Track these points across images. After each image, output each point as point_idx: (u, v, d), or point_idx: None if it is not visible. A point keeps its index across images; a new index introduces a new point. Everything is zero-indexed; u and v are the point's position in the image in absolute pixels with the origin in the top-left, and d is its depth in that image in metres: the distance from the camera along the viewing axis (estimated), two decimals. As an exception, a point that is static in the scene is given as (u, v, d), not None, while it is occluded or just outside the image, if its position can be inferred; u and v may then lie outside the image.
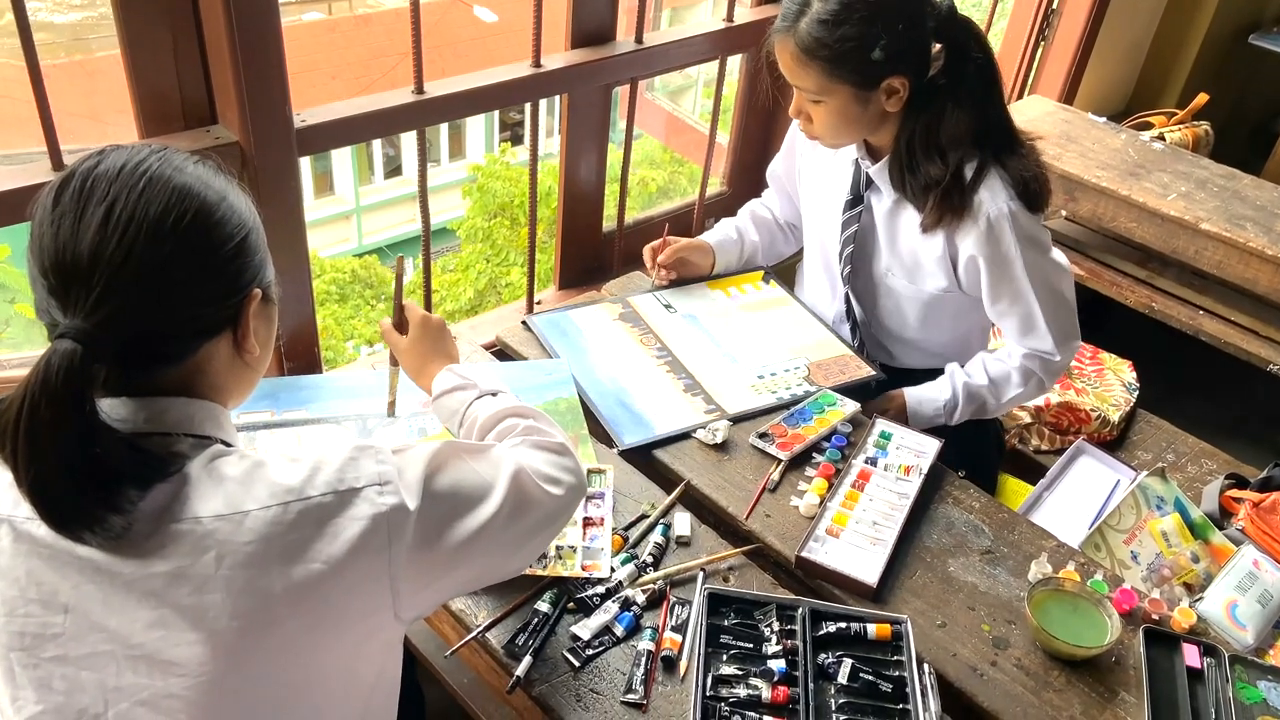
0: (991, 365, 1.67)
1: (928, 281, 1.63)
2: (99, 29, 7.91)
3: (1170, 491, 1.88)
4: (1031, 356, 1.63)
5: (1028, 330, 1.60)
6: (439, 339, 1.31)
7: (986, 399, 1.67)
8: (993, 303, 1.60)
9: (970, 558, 1.37)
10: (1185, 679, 1.21)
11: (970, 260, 1.55)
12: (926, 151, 1.50)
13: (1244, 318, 2.22)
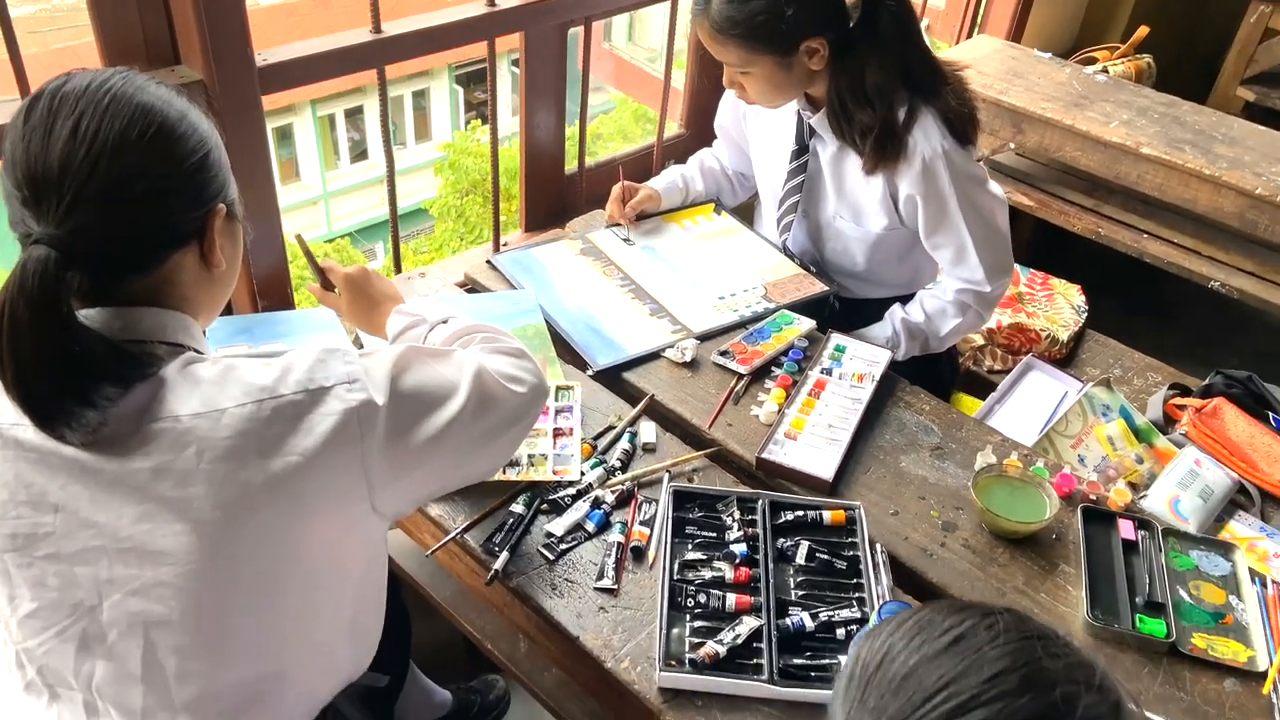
0: (928, 301, 1.75)
1: (872, 222, 1.70)
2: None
3: (1115, 400, 1.97)
4: (965, 290, 1.71)
5: (960, 261, 1.67)
6: (370, 286, 1.30)
7: (927, 334, 1.76)
8: (928, 236, 1.67)
9: (920, 454, 1.44)
10: (1121, 551, 1.30)
11: (909, 199, 1.62)
12: (856, 101, 1.55)
13: (1185, 238, 2.31)
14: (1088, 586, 1.23)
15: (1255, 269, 2.25)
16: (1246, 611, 1.23)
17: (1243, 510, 1.84)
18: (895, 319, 1.75)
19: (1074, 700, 0.59)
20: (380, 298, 1.29)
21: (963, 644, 0.61)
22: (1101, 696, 0.61)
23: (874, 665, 0.63)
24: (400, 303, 1.29)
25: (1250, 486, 1.85)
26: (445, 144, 11.58)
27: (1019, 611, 0.65)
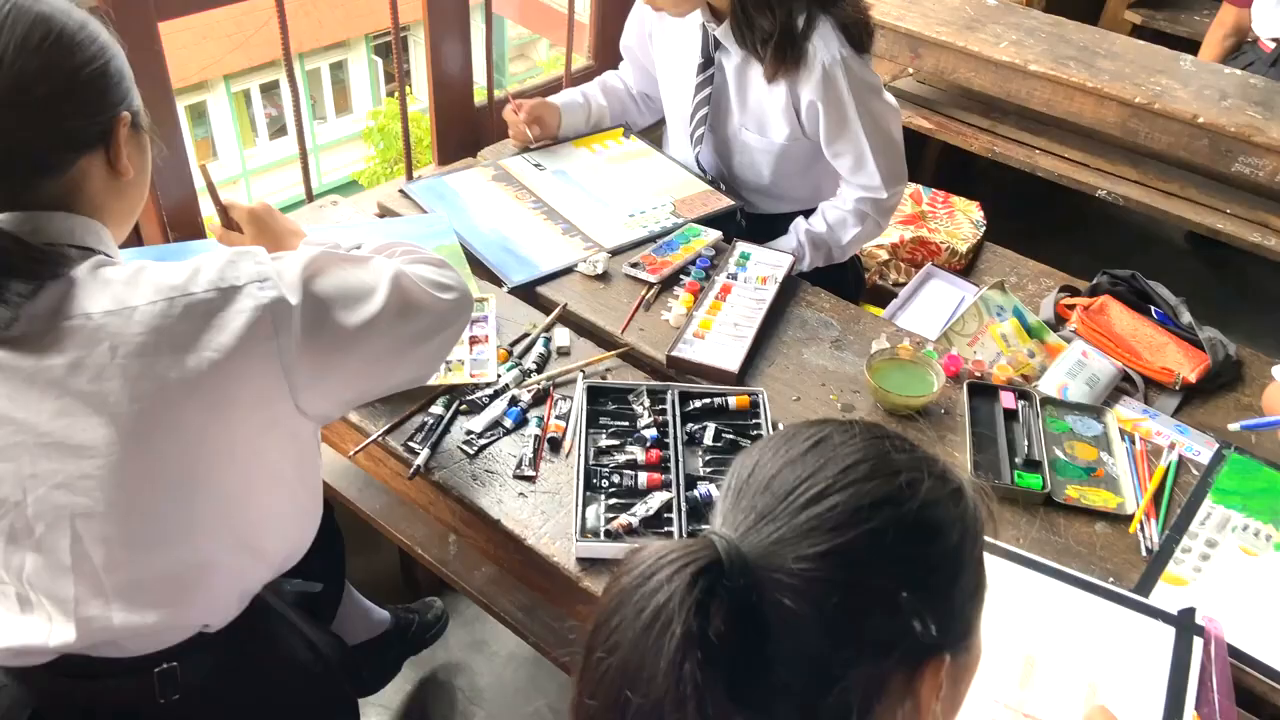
0: (829, 212, 1.84)
1: (775, 132, 1.77)
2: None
3: (1009, 301, 2.08)
4: (864, 199, 1.79)
5: (859, 168, 1.75)
6: (274, 220, 1.30)
7: (829, 243, 1.84)
8: (829, 144, 1.74)
9: (821, 346, 1.53)
10: (1002, 419, 1.40)
11: (810, 106, 1.69)
12: (757, 7, 1.61)
13: (1074, 152, 2.44)
14: (971, 450, 1.33)
15: (1138, 177, 2.39)
16: (1116, 465, 1.35)
17: (1127, 395, 1.97)
18: (799, 230, 1.83)
19: (917, 484, 0.66)
20: (284, 232, 1.29)
21: (821, 446, 0.68)
22: (943, 483, 0.68)
23: (746, 474, 0.69)
24: (305, 236, 1.30)
25: (1134, 374, 1.99)
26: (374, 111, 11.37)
27: (873, 421, 0.72)
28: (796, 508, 0.64)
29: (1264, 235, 2.23)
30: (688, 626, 0.60)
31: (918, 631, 0.64)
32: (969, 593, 0.68)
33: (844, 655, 0.63)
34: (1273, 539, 1.23)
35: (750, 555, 0.63)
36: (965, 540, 0.67)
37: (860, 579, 0.63)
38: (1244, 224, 2.26)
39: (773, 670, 0.63)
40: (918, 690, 0.65)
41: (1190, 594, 1.15)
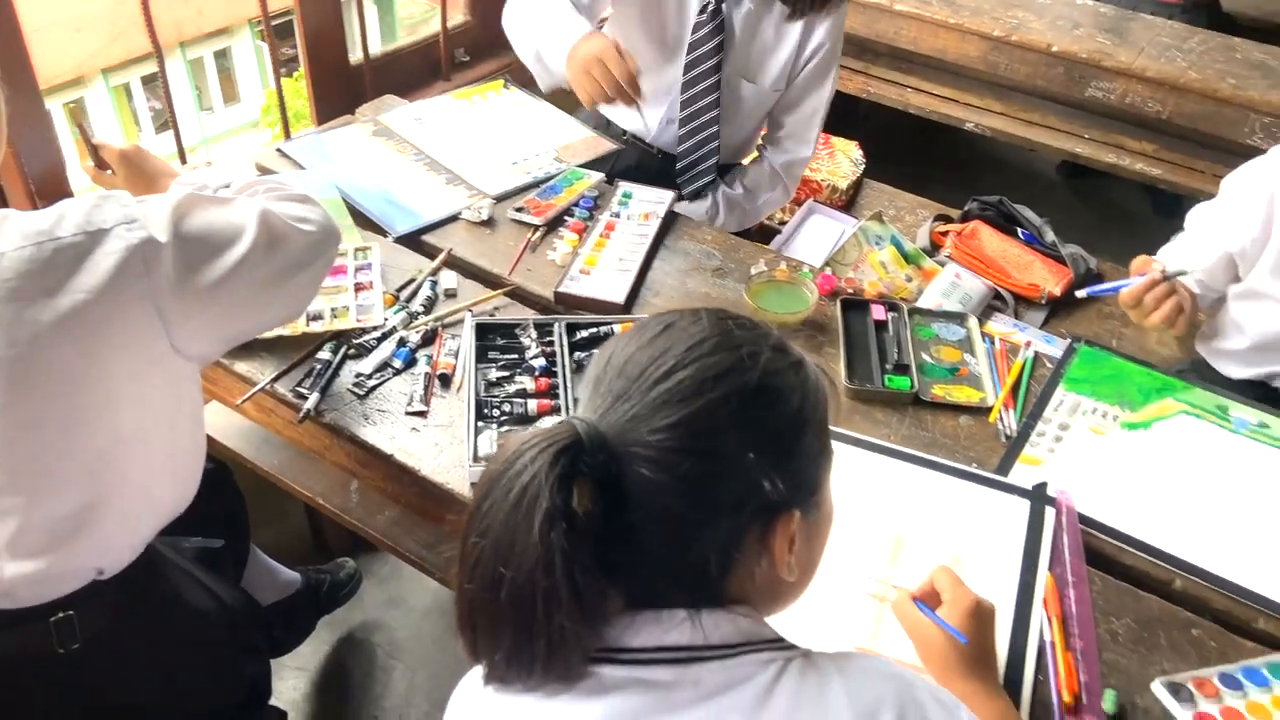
0: (747, 177, 1.91)
1: (768, 80, 1.81)
2: None
3: (887, 231, 2.18)
4: (788, 163, 1.88)
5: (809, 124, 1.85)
6: (146, 162, 1.30)
7: (745, 207, 1.91)
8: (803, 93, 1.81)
9: (704, 275, 1.59)
10: (873, 329, 1.48)
11: (817, 49, 1.75)
12: None
13: (941, 88, 2.54)
14: (845, 359, 1.41)
15: (1003, 109, 2.51)
16: (978, 364, 1.44)
17: (998, 311, 2.08)
18: (716, 192, 1.90)
19: (757, 356, 0.71)
20: (156, 174, 1.30)
21: (669, 330, 0.73)
22: (782, 355, 0.73)
23: (603, 363, 0.73)
24: (177, 176, 1.30)
25: (1004, 292, 2.10)
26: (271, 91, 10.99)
27: (718, 307, 0.77)
28: (648, 386, 0.69)
29: (1119, 156, 2.37)
30: (552, 501, 0.64)
31: (767, 490, 0.69)
32: (813, 455, 0.74)
33: (699, 516, 0.68)
34: (1119, 419, 1.34)
35: (608, 433, 0.68)
36: (805, 406, 0.72)
37: (709, 444, 0.68)
38: (1100, 146, 2.40)
39: (636, 537, 0.68)
40: (771, 545, 0.71)
41: (1045, 471, 1.25)
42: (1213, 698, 0.97)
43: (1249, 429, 1.32)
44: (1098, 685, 1.00)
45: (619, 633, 0.70)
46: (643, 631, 0.69)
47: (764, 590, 0.74)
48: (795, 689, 0.67)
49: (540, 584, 0.64)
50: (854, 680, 0.68)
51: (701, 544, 0.69)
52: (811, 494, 0.74)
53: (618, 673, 0.68)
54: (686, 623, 0.69)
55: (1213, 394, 1.37)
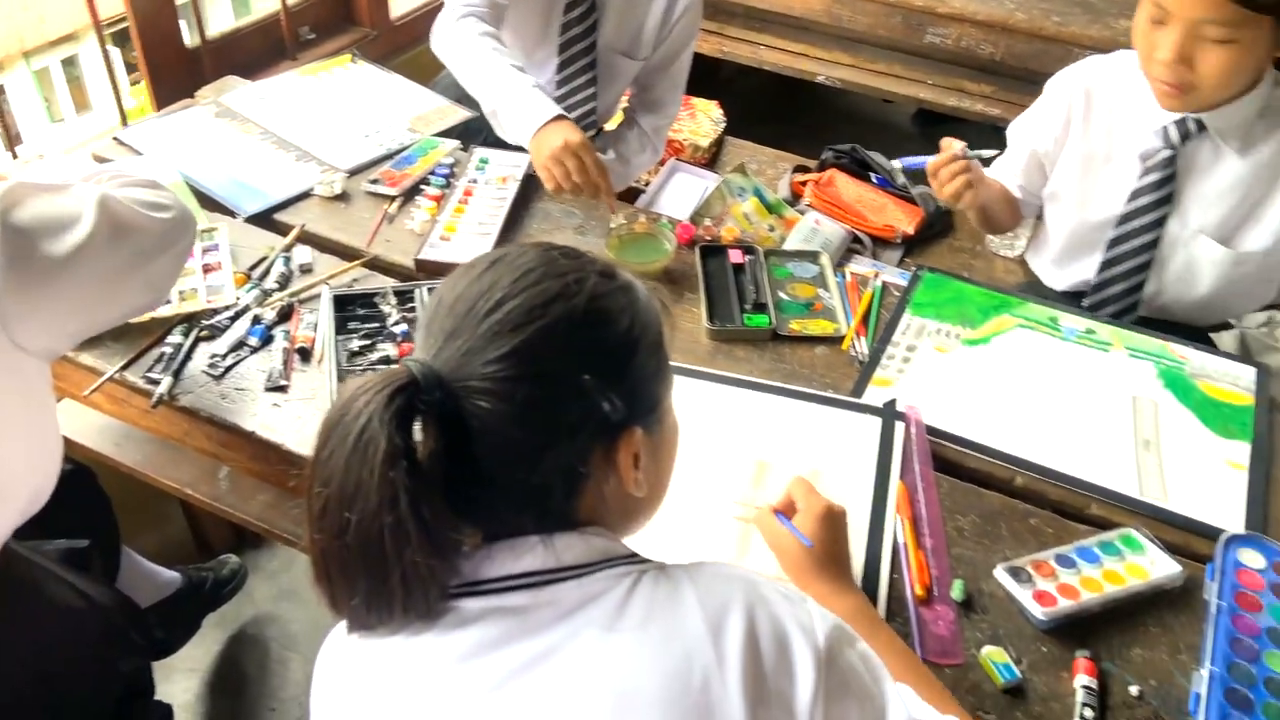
0: (619, 142, 1.94)
1: (640, 51, 1.83)
2: None
3: (749, 183, 2.24)
4: (659, 127, 1.94)
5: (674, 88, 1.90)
6: None
7: (616, 169, 1.93)
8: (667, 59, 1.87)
9: (565, 233, 1.60)
10: (732, 273, 1.52)
11: (682, 12, 1.80)
12: None
13: (792, 44, 2.62)
14: (706, 302, 1.45)
15: (851, 60, 2.59)
16: (831, 298, 1.50)
17: (857, 254, 2.17)
18: None
19: (584, 281, 0.72)
20: None
21: (496, 265, 0.73)
22: (609, 279, 0.74)
23: (434, 306, 0.73)
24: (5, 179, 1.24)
25: (861, 234, 2.18)
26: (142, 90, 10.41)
27: (546, 244, 0.77)
28: (478, 319, 0.69)
29: (960, 99, 2.48)
30: (390, 441, 0.64)
31: (606, 410, 0.71)
32: (650, 372, 0.75)
33: (541, 440, 0.70)
34: (961, 337, 1.42)
35: (443, 370, 0.68)
36: (636, 326, 0.73)
37: (543, 370, 0.69)
38: (943, 91, 2.51)
39: (483, 469, 0.69)
40: (617, 463, 0.73)
41: (895, 390, 1.32)
42: (1049, 577, 1.05)
43: (1077, 335, 1.42)
44: (947, 577, 1.07)
45: (475, 566, 0.71)
46: (498, 561, 0.71)
47: (616, 509, 0.76)
48: (649, 598, 0.69)
49: (386, 522, 0.64)
50: (703, 585, 0.71)
51: (546, 468, 0.70)
52: (651, 410, 0.76)
53: (477, 604, 0.69)
54: (539, 547, 0.70)
55: (1045, 306, 1.47)
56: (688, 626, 0.67)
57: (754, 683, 0.66)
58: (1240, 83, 1.35)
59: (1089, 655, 0.98)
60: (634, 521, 0.80)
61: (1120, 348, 1.39)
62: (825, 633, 0.70)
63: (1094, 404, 1.30)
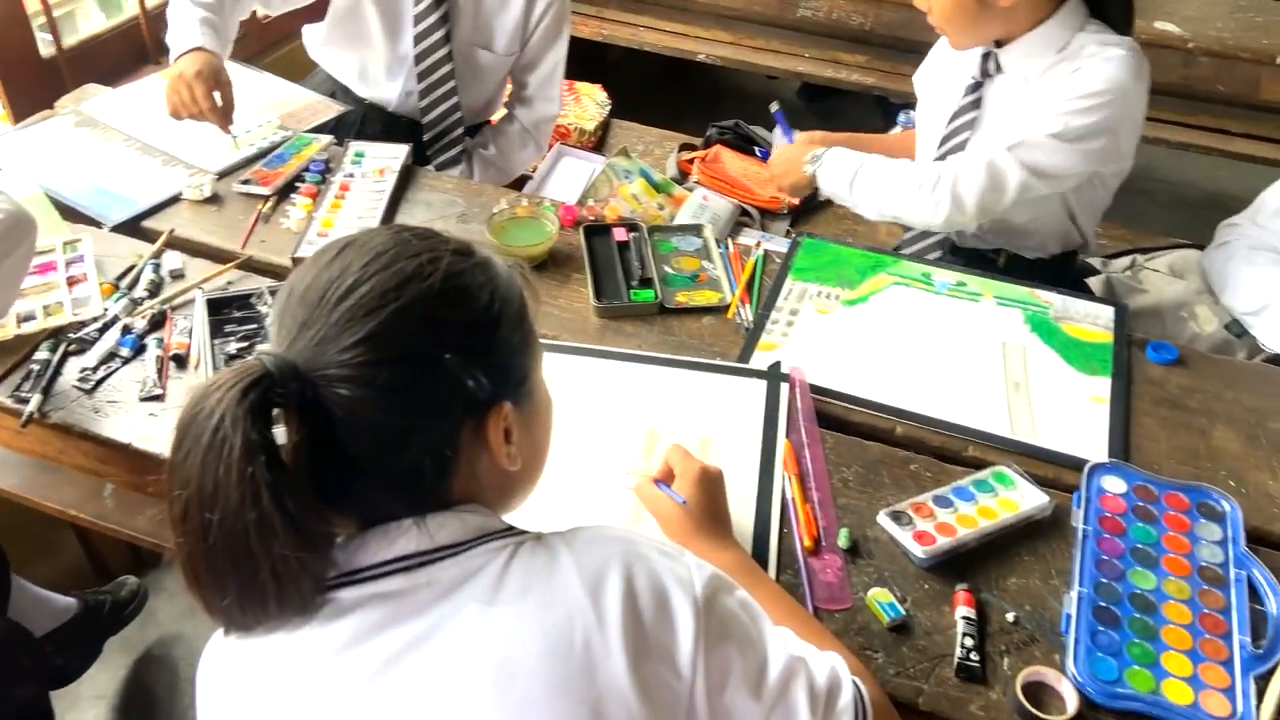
0: (499, 137, 1.96)
1: (501, 44, 1.83)
2: None
3: (635, 165, 2.25)
4: (539, 121, 1.96)
5: (550, 80, 1.90)
6: None
7: (498, 165, 1.96)
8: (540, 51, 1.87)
9: (448, 221, 1.59)
10: (617, 251, 1.54)
11: (547, 7, 1.82)
12: None
13: (672, 25, 2.64)
14: (592, 281, 1.46)
15: (730, 38, 2.63)
16: (716, 269, 1.53)
17: (746, 227, 2.21)
18: (471, 155, 1.92)
19: (438, 260, 0.71)
20: None
21: (346, 250, 0.71)
22: (464, 257, 0.73)
23: (285, 296, 0.71)
24: None
25: (749, 208, 2.22)
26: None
27: (400, 225, 0.76)
28: (330, 306, 0.68)
29: (836, 70, 2.54)
30: (246, 437, 0.63)
31: (471, 387, 0.70)
32: (515, 346, 0.75)
33: (407, 423, 0.69)
34: (841, 298, 1.46)
35: (298, 361, 0.67)
36: (496, 300, 0.73)
37: (402, 352, 0.68)
38: (820, 63, 2.57)
39: (350, 457, 0.68)
40: (488, 439, 0.73)
41: (780, 354, 1.35)
42: (928, 518, 1.09)
43: (949, 288, 1.47)
44: (834, 527, 1.10)
45: (350, 555, 0.70)
46: (372, 548, 0.70)
47: (492, 486, 0.75)
48: (525, 568, 0.70)
49: (250, 520, 0.63)
50: (580, 548, 0.71)
51: (415, 451, 0.70)
52: (520, 384, 0.75)
53: (353, 593, 0.69)
54: (413, 529, 0.70)
55: (917, 263, 1.52)
56: (566, 591, 0.68)
57: (635, 638, 0.67)
58: (965, 16, 1.47)
59: (968, 588, 1.03)
60: (513, 496, 0.80)
61: (990, 297, 1.46)
62: (702, 583, 0.72)
63: (967, 352, 1.36)
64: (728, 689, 0.71)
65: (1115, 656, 0.96)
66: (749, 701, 0.72)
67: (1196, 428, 1.26)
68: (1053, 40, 1.48)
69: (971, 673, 0.96)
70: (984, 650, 0.98)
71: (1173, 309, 1.86)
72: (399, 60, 1.85)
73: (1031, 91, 1.51)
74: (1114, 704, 0.93)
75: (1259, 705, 0.93)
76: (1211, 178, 3.33)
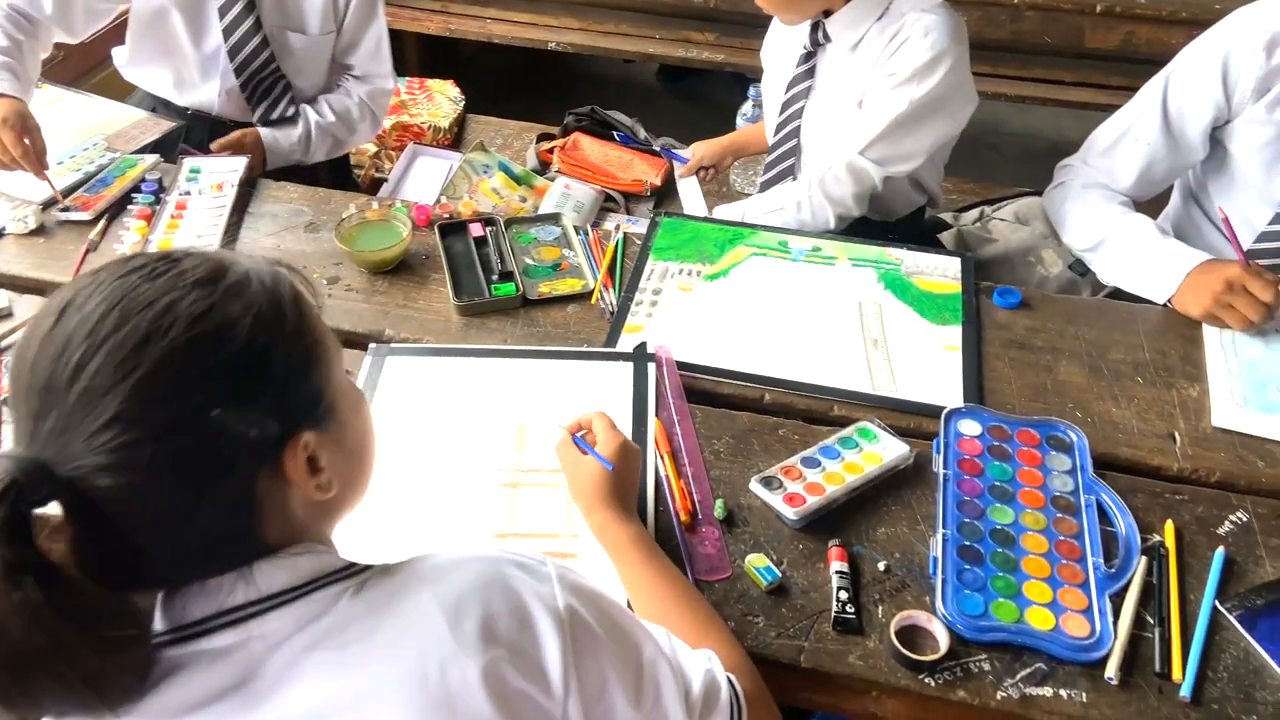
0: (335, 103, 1.90)
1: (314, 26, 1.80)
2: None
3: (493, 159, 2.23)
4: (374, 92, 1.91)
5: (376, 56, 1.88)
6: None
7: (336, 134, 1.91)
8: (356, 30, 1.84)
9: (296, 232, 1.54)
10: (474, 247, 1.51)
11: None
12: None
13: (520, 14, 2.61)
14: (451, 279, 1.43)
15: (580, 25, 2.62)
16: (576, 256, 1.52)
17: (611, 212, 2.20)
18: (309, 118, 1.87)
19: (176, 304, 0.61)
20: None
21: (66, 314, 0.61)
22: (209, 289, 0.63)
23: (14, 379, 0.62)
24: None
25: (613, 193, 2.22)
26: None
27: (130, 258, 0.65)
28: (62, 391, 0.59)
29: (687, 49, 2.56)
30: (3, 560, 0.55)
31: (254, 435, 0.63)
32: (296, 370, 0.66)
33: (189, 495, 0.62)
34: (702, 273, 1.47)
35: (47, 459, 0.59)
36: (260, 328, 0.64)
37: (158, 426, 0.60)
38: (670, 43, 2.58)
39: (138, 542, 0.62)
40: (289, 479, 0.66)
41: (646, 334, 1.35)
42: (797, 480, 1.11)
43: (805, 254, 1.50)
44: (709, 500, 1.11)
45: (173, 613, 0.64)
46: (195, 604, 0.64)
47: (315, 517, 0.70)
48: (370, 606, 0.65)
49: (39, 645, 0.56)
50: (431, 575, 0.67)
51: (210, 516, 0.63)
52: (315, 406, 0.68)
53: (180, 651, 0.63)
54: (239, 582, 0.64)
55: (773, 232, 1.55)
56: (419, 623, 0.65)
57: (495, 662, 0.64)
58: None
59: (840, 543, 1.05)
60: (341, 513, 0.74)
61: (844, 259, 1.49)
62: (566, 597, 0.70)
63: (826, 314, 1.39)
64: (603, 700, 0.70)
65: (980, 592, 1.00)
66: (628, 710, 0.71)
67: (1043, 365, 1.32)
68: (871, 7, 1.56)
69: (848, 625, 0.98)
70: (859, 601, 1.01)
71: (1021, 255, 1.95)
72: (210, 58, 1.79)
73: (858, 58, 1.58)
74: (982, 637, 0.97)
75: (1115, 622, 0.98)
76: (1055, 127, 3.50)
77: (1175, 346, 1.35)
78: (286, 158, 1.87)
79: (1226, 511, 1.11)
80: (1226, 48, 1.41)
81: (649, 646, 0.75)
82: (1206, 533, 1.08)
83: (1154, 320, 1.40)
